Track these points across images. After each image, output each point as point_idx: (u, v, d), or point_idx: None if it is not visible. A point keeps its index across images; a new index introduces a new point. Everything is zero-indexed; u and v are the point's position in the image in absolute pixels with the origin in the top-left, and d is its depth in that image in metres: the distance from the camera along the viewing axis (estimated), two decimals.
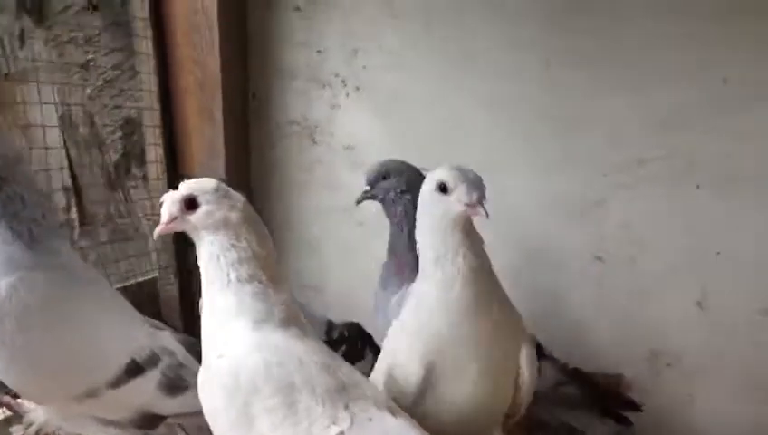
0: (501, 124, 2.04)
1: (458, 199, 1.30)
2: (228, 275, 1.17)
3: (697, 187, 1.91)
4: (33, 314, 1.20)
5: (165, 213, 1.20)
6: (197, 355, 1.37)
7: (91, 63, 2.34)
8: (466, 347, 1.31)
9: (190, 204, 1.19)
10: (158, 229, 1.21)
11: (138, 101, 2.25)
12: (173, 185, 1.98)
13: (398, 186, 1.75)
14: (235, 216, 1.19)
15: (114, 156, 2.35)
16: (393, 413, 1.16)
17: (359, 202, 1.79)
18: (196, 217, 1.19)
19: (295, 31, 2.14)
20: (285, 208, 2.19)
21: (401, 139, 2.10)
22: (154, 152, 2.05)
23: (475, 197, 1.29)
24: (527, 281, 1.99)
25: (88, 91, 2.35)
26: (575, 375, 1.78)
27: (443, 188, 1.33)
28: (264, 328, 1.17)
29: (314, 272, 2.21)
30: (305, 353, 1.16)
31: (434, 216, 1.34)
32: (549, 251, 2.05)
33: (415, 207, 1.61)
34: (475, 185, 1.31)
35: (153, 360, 1.33)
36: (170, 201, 1.20)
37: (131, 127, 2.41)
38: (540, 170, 2.01)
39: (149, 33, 1.98)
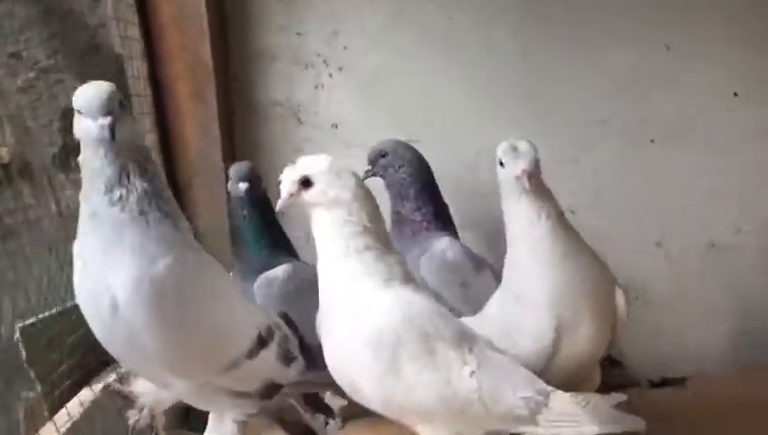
0: (480, 95, 2.21)
1: (512, 173, 1.47)
2: (347, 246, 1.27)
3: (651, 141, 2.22)
4: (189, 291, 1.22)
5: (283, 190, 1.30)
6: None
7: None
8: (584, 298, 1.46)
9: (305, 183, 1.28)
10: (279, 204, 1.31)
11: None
12: (170, 172, 2.06)
13: (395, 162, 1.94)
14: (346, 194, 1.28)
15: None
16: (501, 353, 1.32)
17: (363, 180, 1.89)
18: (310, 195, 1.28)
19: (274, 14, 2.18)
20: (274, 189, 2.22)
21: (385, 116, 2.23)
22: (148, 140, 2.01)
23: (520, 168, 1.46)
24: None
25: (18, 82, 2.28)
26: None
27: (501, 163, 1.50)
28: (392, 285, 1.28)
29: (307, 252, 2.26)
30: (429, 305, 1.29)
31: (503, 187, 1.51)
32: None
33: (412, 177, 1.91)
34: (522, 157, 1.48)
35: (271, 333, 1.39)
36: (288, 180, 1.30)
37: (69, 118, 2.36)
38: (519, 136, 2.17)
39: (137, 19, 1.96)
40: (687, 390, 2.09)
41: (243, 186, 1.80)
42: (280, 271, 1.79)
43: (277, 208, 1.32)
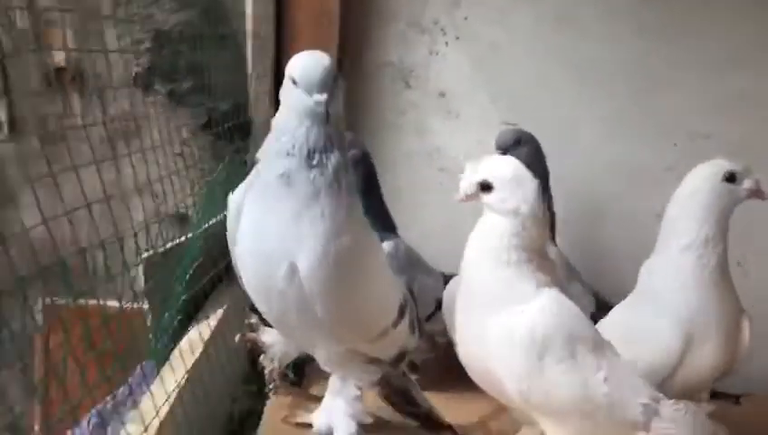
0: (586, 88, 2.20)
1: (749, 187, 1.53)
2: (510, 255, 1.29)
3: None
4: (364, 262, 1.27)
5: (463, 189, 1.31)
6: None
7: None
8: (716, 319, 1.52)
9: (486, 187, 1.30)
10: (457, 197, 1.32)
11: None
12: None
13: (528, 155, 1.84)
14: (525, 208, 1.29)
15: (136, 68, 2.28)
16: (624, 359, 1.36)
17: None
18: (490, 199, 1.31)
19: None
20: (374, 149, 2.21)
21: (492, 94, 2.22)
22: (263, 84, 2.00)
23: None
24: (595, 234, 2.26)
25: None
26: None
27: (730, 178, 1.53)
28: (544, 290, 1.31)
29: (400, 214, 2.24)
30: (575, 309, 1.33)
31: (719, 203, 1.54)
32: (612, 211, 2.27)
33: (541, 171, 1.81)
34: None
35: (406, 302, 1.42)
36: (468, 182, 1.31)
37: (161, 40, 2.34)
38: (617, 136, 2.22)
39: None
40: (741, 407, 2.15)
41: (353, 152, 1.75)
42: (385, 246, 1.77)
43: (456, 199, 1.33)
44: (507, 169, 1.31)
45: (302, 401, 1.63)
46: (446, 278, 1.91)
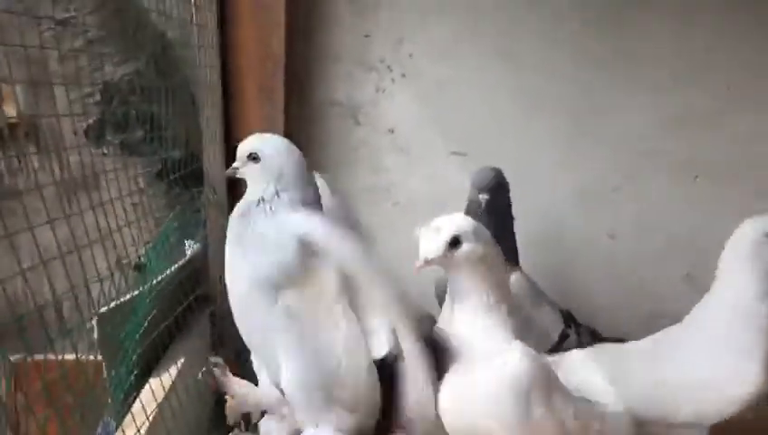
0: (533, 117, 2.27)
1: None
2: (488, 297, 1.36)
3: (695, 177, 2.30)
4: None
5: (430, 252, 1.33)
6: None
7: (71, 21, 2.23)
8: None
9: (455, 243, 1.34)
10: (418, 265, 1.34)
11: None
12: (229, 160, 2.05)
13: (505, 188, 1.92)
14: (489, 250, 1.37)
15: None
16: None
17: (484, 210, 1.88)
18: (460, 254, 1.34)
19: (343, 14, 2.20)
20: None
21: (440, 127, 2.27)
22: (213, 131, 2.00)
23: None
24: (557, 255, 2.31)
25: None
26: None
27: None
28: (515, 339, 1.37)
29: None
30: (542, 358, 1.42)
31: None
32: (567, 233, 2.33)
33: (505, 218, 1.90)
34: None
35: None
36: (435, 243, 1.33)
37: (110, 92, 2.34)
38: (564, 162, 2.28)
39: (214, 7, 1.94)
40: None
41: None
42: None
43: (415, 271, 1.34)
44: (467, 222, 1.38)
45: None
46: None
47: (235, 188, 2.05)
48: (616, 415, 1.55)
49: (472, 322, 1.36)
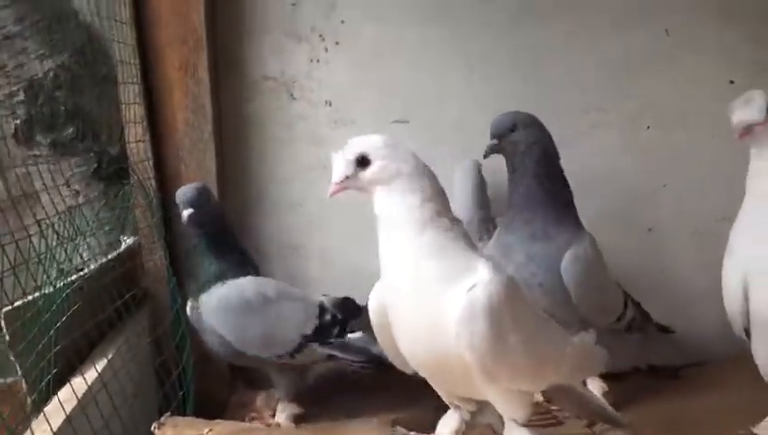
0: (476, 78, 2.17)
1: None
2: (421, 217, 1.24)
3: (647, 127, 2.21)
4: None
5: (337, 173, 1.25)
6: None
7: None
8: None
9: (362, 161, 1.24)
10: (331, 190, 1.27)
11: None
12: (155, 146, 1.94)
13: (527, 138, 1.77)
14: (407, 166, 1.25)
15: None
16: None
17: (486, 156, 1.82)
18: (369, 173, 1.25)
19: None
20: (266, 166, 2.15)
21: (379, 94, 2.17)
22: (132, 112, 1.89)
23: None
24: None
25: None
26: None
27: None
28: (475, 254, 1.29)
29: (296, 230, 2.19)
30: (512, 278, 1.35)
31: None
32: None
33: (546, 158, 1.77)
34: None
35: None
36: (342, 161, 1.25)
37: (35, 89, 2.22)
38: None
39: None
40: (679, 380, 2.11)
41: (186, 213, 1.75)
42: (230, 286, 1.77)
43: (329, 194, 1.27)
44: (378, 139, 1.27)
45: None
46: (324, 308, 1.85)
47: (161, 171, 1.96)
48: (590, 338, 1.50)
49: (409, 242, 1.24)
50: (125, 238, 2.03)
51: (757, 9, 2.19)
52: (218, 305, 1.76)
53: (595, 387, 1.83)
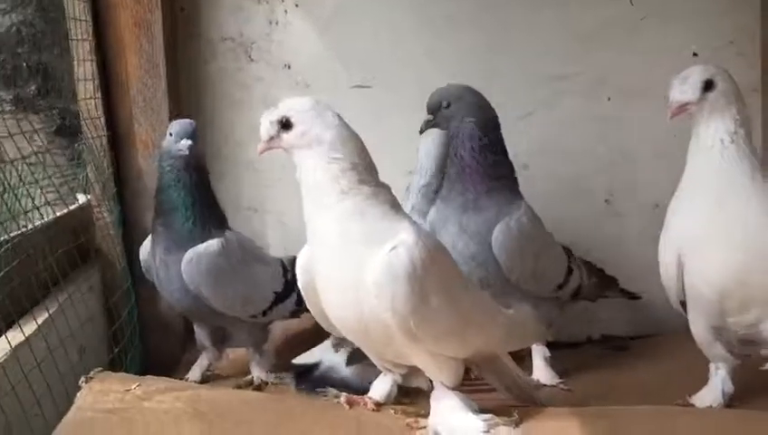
0: (440, 41, 2.16)
1: None
2: (340, 184, 1.24)
3: (608, 99, 2.20)
4: None
5: (263, 133, 1.27)
6: None
7: None
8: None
9: (285, 124, 1.25)
10: (259, 148, 1.28)
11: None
12: (108, 105, 1.94)
13: (459, 112, 1.76)
14: (328, 133, 1.25)
15: None
16: None
17: (422, 131, 1.83)
18: (291, 136, 1.26)
19: None
20: (222, 128, 2.15)
21: (340, 58, 2.16)
22: (83, 69, 1.88)
23: None
24: None
25: None
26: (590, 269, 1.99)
27: None
28: (401, 217, 1.30)
29: (252, 193, 2.20)
30: (438, 242, 1.41)
31: None
32: None
33: (482, 130, 1.75)
34: None
35: None
36: (267, 122, 1.26)
37: None
38: (476, 85, 2.11)
39: None
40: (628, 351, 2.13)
41: (186, 143, 1.68)
42: (212, 245, 1.71)
43: (258, 152, 1.29)
44: (304, 103, 1.27)
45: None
46: (285, 267, 1.85)
47: (113, 129, 1.96)
48: (522, 308, 1.53)
49: (332, 208, 1.25)
50: (79, 195, 2.04)
51: None
52: (201, 266, 1.70)
53: (538, 353, 1.87)
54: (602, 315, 2.23)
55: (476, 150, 1.74)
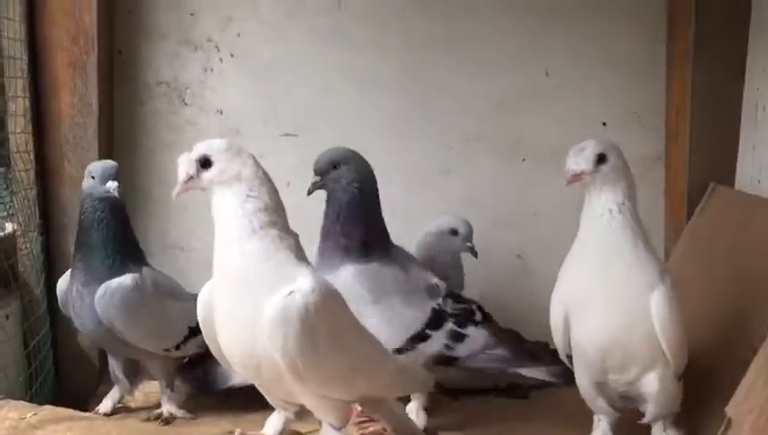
0: (365, 97, 2.28)
1: None
2: (251, 223, 1.31)
3: (523, 160, 2.34)
4: None
5: (181, 173, 1.33)
6: None
7: None
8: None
9: (204, 163, 1.32)
10: (176, 189, 1.35)
11: None
12: (39, 143, 2.00)
13: (347, 175, 1.80)
14: (247, 171, 1.33)
15: None
16: None
17: (310, 193, 1.85)
18: (210, 174, 1.32)
19: None
20: (155, 169, 2.23)
21: (270, 108, 2.27)
22: (16, 105, 1.94)
23: None
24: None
25: None
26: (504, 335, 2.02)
27: None
28: (303, 264, 1.36)
29: (179, 231, 2.27)
30: (334, 289, 1.43)
31: None
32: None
33: (363, 196, 1.81)
34: None
35: None
36: (186, 162, 1.33)
37: None
38: (397, 142, 2.29)
39: None
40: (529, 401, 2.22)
41: (113, 184, 1.75)
42: (126, 280, 1.77)
43: (174, 194, 1.35)
44: (221, 143, 1.35)
45: None
46: None
47: (42, 164, 2.02)
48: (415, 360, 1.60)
49: (239, 246, 1.31)
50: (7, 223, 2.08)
51: (634, 58, 2.34)
52: (114, 299, 1.75)
53: (416, 401, 1.87)
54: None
55: (346, 214, 1.79)
